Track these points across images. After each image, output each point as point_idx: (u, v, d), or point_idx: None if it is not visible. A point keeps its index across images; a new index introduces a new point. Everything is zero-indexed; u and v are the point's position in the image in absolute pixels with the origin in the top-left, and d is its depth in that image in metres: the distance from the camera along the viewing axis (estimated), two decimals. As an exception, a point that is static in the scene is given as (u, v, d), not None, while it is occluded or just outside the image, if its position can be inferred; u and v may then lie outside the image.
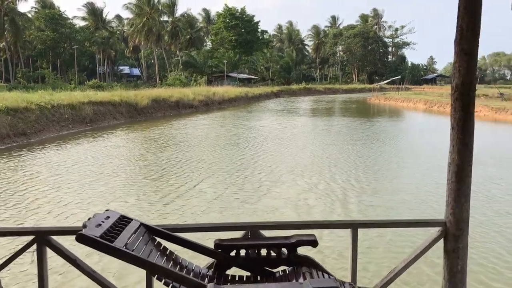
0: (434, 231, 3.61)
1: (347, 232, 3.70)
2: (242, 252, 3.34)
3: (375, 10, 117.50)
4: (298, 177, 13.48)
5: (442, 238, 3.55)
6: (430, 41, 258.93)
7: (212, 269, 3.34)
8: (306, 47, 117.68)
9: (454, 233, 3.45)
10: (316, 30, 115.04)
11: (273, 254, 3.38)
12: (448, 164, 3.44)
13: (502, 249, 7.82)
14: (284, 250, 3.35)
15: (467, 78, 3.26)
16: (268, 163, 15.74)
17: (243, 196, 11.32)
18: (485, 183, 12.46)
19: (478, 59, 3.37)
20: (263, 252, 3.38)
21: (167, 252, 3.26)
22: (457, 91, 3.31)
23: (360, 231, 3.57)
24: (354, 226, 3.59)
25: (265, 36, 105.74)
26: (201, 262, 3.55)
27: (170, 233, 3.36)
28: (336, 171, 14.45)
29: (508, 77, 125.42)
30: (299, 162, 16.04)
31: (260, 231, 3.51)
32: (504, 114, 35.37)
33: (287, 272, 3.30)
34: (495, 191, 11.93)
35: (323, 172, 14.25)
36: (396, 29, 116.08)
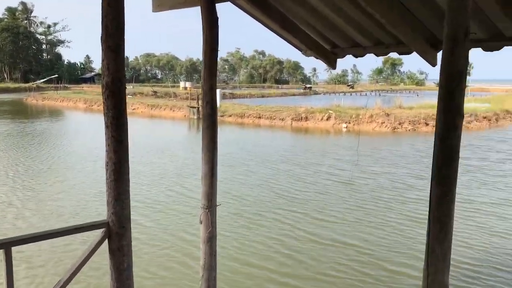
0: (99, 233, 3.50)
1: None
2: None
3: (23, 3, 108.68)
4: None
5: (107, 239, 3.47)
6: (86, 40, 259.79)
7: None
8: None
9: (117, 231, 3.42)
10: None
11: None
12: (106, 163, 3.36)
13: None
14: None
15: (116, 76, 3.24)
16: None
17: None
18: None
19: (132, 59, 3.39)
20: None
21: None
22: (108, 89, 3.24)
23: (19, 250, 3.11)
24: (6, 245, 3.10)
25: None
26: None
27: None
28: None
29: (159, 76, 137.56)
30: None
31: None
32: (158, 110, 39.29)
33: None
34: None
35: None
36: (49, 26, 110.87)
